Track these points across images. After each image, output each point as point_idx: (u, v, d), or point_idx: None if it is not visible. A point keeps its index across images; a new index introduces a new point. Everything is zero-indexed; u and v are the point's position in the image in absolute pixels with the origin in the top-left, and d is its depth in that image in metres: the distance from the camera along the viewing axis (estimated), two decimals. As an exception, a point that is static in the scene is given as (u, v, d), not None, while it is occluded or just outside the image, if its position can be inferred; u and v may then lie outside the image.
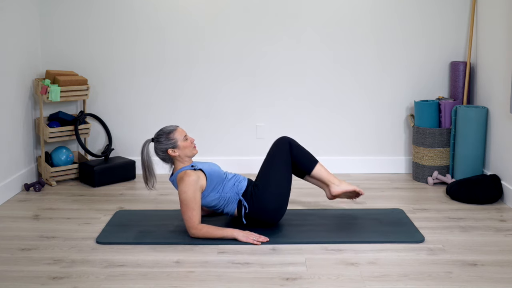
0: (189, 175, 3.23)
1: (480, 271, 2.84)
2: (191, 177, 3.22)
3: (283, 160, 3.46)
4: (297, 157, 3.54)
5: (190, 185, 3.20)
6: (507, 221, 3.58)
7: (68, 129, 4.51)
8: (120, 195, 4.19)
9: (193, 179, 3.22)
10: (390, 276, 2.79)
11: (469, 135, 4.20)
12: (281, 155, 3.47)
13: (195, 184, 3.22)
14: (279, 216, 3.40)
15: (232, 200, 3.37)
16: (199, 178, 3.25)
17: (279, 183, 3.39)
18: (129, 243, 3.21)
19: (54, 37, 4.65)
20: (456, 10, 4.58)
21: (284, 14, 4.62)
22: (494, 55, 4.16)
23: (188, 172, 3.25)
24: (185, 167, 3.33)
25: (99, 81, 4.72)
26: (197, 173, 3.26)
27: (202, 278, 2.78)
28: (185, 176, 3.23)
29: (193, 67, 4.70)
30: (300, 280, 2.74)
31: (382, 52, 4.66)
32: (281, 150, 3.48)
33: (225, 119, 4.76)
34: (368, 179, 4.59)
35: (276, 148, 3.50)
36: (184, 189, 3.21)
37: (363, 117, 4.75)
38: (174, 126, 3.38)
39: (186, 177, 3.23)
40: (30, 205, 3.94)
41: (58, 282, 2.73)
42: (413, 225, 3.46)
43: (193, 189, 3.21)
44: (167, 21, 4.64)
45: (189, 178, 3.22)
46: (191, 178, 3.22)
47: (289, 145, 3.51)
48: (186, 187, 3.20)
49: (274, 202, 3.35)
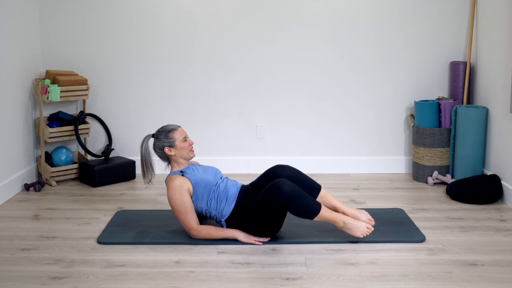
0: (173, 180, 3.22)
1: (480, 271, 2.84)
2: (175, 181, 3.20)
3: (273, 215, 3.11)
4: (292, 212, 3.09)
5: (175, 190, 3.19)
6: (507, 221, 3.58)
7: (68, 129, 4.51)
8: (120, 195, 4.19)
9: (176, 183, 3.20)
10: (390, 276, 2.79)
11: (469, 135, 4.20)
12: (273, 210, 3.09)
13: (180, 188, 3.19)
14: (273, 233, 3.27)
15: (217, 218, 3.29)
16: (184, 182, 3.21)
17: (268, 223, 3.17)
18: (129, 243, 3.21)
19: (54, 37, 4.65)
20: (456, 10, 4.58)
21: (285, 13, 4.62)
22: (494, 55, 4.16)
23: (172, 177, 3.24)
24: (175, 172, 3.30)
25: (99, 81, 4.72)
26: (182, 178, 3.23)
27: (202, 278, 2.78)
28: (169, 182, 3.23)
29: (193, 66, 4.70)
30: (300, 280, 2.74)
31: (382, 52, 4.66)
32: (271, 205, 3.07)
33: (225, 119, 4.76)
34: (368, 179, 4.59)
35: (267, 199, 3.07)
36: (170, 195, 3.20)
37: (363, 117, 4.74)
38: (176, 126, 3.37)
39: (170, 183, 3.22)
40: (30, 205, 3.94)
41: (58, 282, 2.73)
42: (413, 224, 3.46)
43: (179, 194, 3.18)
44: (167, 21, 4.64)
45: (173, 183, 3.20)
46: (174, 183, 3.20)
47: (283, 204, 3.05)
48: (172, 192, 3.19)
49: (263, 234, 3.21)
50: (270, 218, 3.12)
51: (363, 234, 3.13)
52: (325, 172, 4.78)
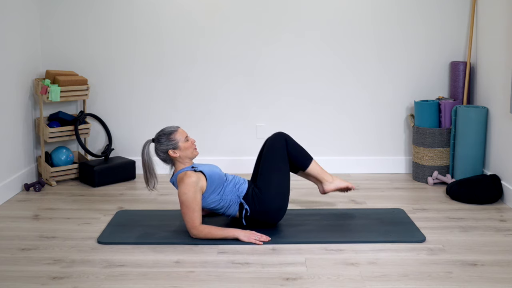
0: (189, 176, 3.22)
1: (480, 271, 2.84)
2: (191, 178, 3.21)
3: (281, 158, 3.45)
4: (293, 154, 3.53)
5: (190, 186, 3.19)
6: (507, 221, 3.58)
7: (68, 129, 4.51)
8: (120, 195, 4.19)
9: (193, 180, 3.21)
10: (390, 276, 2.79)
11: (469, 135, 4.20)
12: (279, 153, 3.45)
13: (195, 185, 3.21)
14: (280, 216, 3.41)
15: (233, 202, 3.36)
16: (199, 179, 3.23)
17: (280, 183, 3.38)
18: (129, 243, 3.21)
19: (54, 37, 4.65)
20: (456, 10, 4.58)
21: (284, 13, 4.62)
22: (494, 55, 4.16)
23: (188, 173, 3.24)
24: (185, 168, 3.32)
25: (99, 81, 4.72)
26: (197, 174, 3.25)
27: (202, 278, 2.78)
28: (185, 177, 3.23)
29: (193, 66, 4.70)
30: (300, 280, 2.74)
31: (382, 52, 4.66)
32: (278, 147, 3.46)
33: (225, 119, 4.76)
34: (368, 179, 4.59)
35: (272, 145, 3.47)
36: (184, 190, 3.20)
37: (363, 117, 4.75)
38: (175, 127, 3.37)
39: (186, 178, 3.21)
40: (30, 205, 3.94)
41: (58, 282, 2.73)
42: (414, 224, 3.46)
43: (194, 190, 3.20)
44: (167, 21, 4.64)
45: (189, 179, 3.21)
46: (191, 179, 3.21)
47: (285, 142, 3.50)
48: (186, 188, 3.19)
49: (276, 202, 3.36)
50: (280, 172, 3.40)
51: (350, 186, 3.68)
52: (325, 172, 4.78)
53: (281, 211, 3.39)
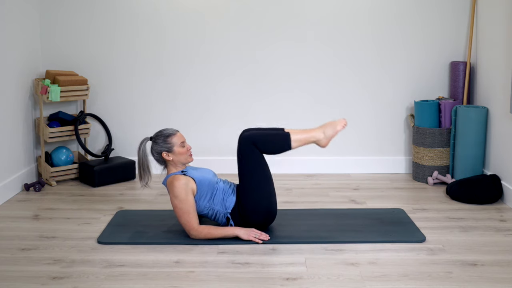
0: (178, 179, 3.21)
1: (480, 271, 2.84)
2: (180, 180, 3.20)
3: (255, 165, 3.28)
4: (268, 150, 3.29)
5: (180, 188, 3.18)
6: (507, 221, 3.58)
7: (68, 129, 4.51)
8: (120, 195, 4.19)
9: (182, 182, 3.19)
10: (390, 276, 2.79)
11: (469, 135, 4.20)
12: (251, 160, 3.27)
13: (186, 187, 3.19)
14: (270, 221, 3.36)
15: (221, 214, 3.32)
16: (188, 181, 3.21)
17: (261, 193, 3.28)
18: (129, 243, 3.21)
19: (54, 37, 4.66)
20: (456, 10, 4.58)
21: (284, 13, 4.62)
22: (494, 55, 4.16)
23: (177, 176, 3.23)
24: (176, 172, 3.30)
25: (99, 81, 4.72)
26: (186, 177, 3.23)
27: (202, 278, 2.78)
28: (174, 181, 3.21)
29: (193, 66, 4.70)
30: (300, 280, 2.74)
31: (382, 52, 4.66)
32: (248, 154, 3.27)
33: (224, 118, 4.76)
34: (368, 179, 4.59)
35: (242, 155, 3.28)
36: (175, 194, 3.19)
37: (363, 117, 4.75)
38: (174, 131, 3.36)
39: (175, 181, 3.20)
40: (30, 205, 3.94)
41: (58, 282, 2.73)
42: (414, 224, 3.46)
43: (185, 193, 3.18)
44: (167, 21, 4.64)
45: (178, 182, 3.20)
46: (180, 182, 3.20)
47: (254, 145, 3.26)
48: (177, 191, 3.19)
49: (261, 215, 3.29)
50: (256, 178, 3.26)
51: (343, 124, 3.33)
52: (325, 172, 4.78)
53: (270, 216, 3.33)
